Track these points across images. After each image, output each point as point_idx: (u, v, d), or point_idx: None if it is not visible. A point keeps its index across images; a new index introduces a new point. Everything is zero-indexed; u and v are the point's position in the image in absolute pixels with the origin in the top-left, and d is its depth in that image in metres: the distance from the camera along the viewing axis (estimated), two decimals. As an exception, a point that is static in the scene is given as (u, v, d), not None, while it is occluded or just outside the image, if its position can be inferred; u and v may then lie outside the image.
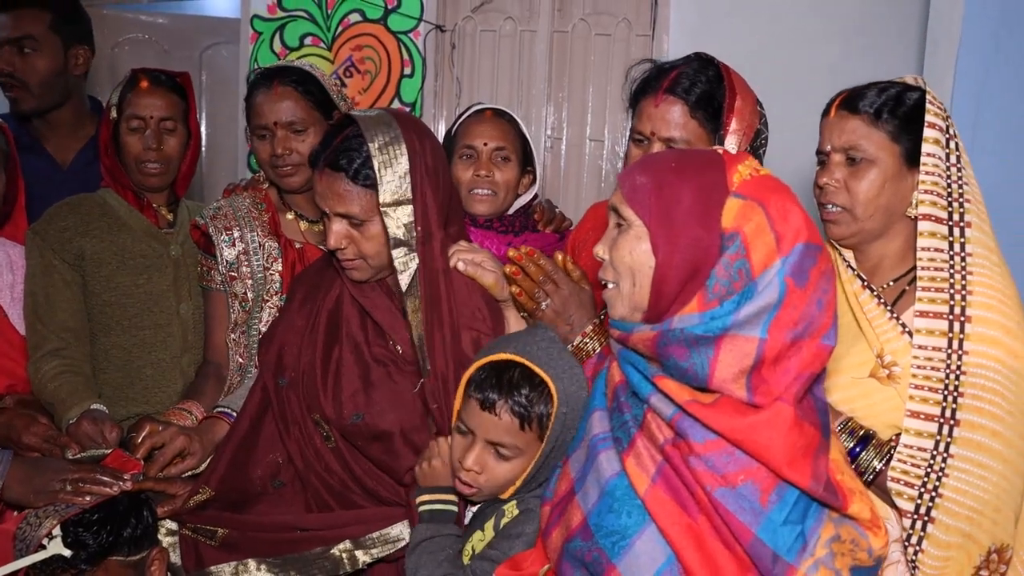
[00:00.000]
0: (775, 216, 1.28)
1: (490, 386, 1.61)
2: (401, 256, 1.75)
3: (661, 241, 1.30)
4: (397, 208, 1.73)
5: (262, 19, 4.54)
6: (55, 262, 2.24)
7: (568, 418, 1.59)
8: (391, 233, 1.74)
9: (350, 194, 1.74)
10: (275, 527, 1.86)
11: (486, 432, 1.62)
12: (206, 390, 2.22)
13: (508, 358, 1.62)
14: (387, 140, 1.74)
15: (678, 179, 1.31)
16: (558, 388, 1.58)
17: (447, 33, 4.37)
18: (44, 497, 1.75)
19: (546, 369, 1.60)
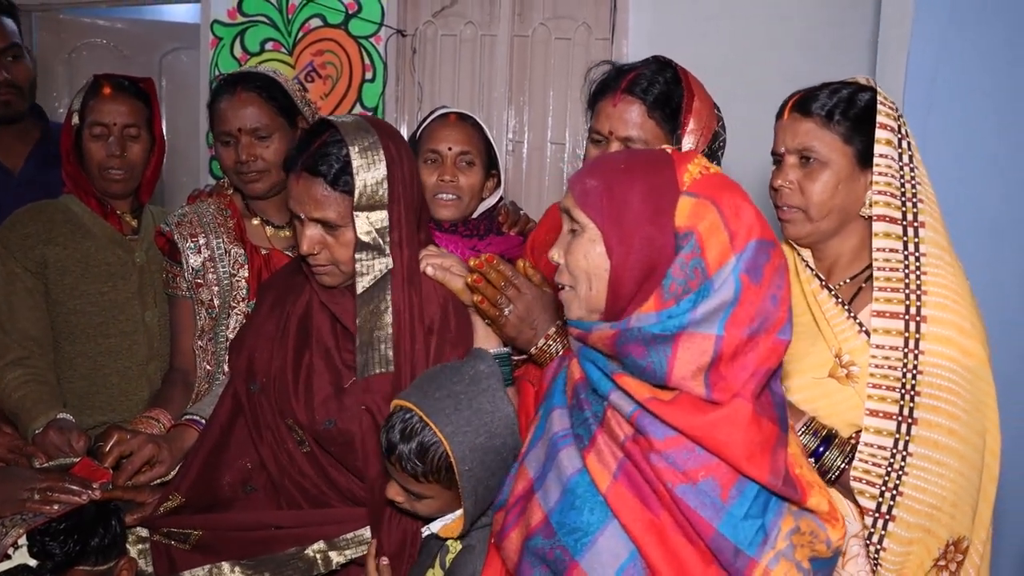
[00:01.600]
0: (728, 214, 1.30)
1: (389, 432, 1.62)
2: (365, 259, 1.76)
3: (615, 243, 1.32)
4: (372, 213, 1.74)
5: (222, 24, 4.52)
6: (17, 270, 2.23)
7: (477, 470, 1.58)
8: (360, 236, 1.74)
9: (328, 199, 1.74)
10: (249, 526, 1.88)
11: (395, 476, 1.65)
12: (173, 397, 2.22)
13: (410, 407, 1.62)
14: (366, 146, 1.75)
15: (628, 180, 1.33)
16: (455, 445, 1.57)
17: (408, 38, 4.38)
18: (11, 506, 1.73)
19: (443, 425, 1.58)
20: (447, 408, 1.58)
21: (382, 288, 1.79)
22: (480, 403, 1.61)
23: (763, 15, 3.79)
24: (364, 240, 1.75)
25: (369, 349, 1.79)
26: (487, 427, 1.59)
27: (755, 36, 3.81)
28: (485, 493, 1.61)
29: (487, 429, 1.59)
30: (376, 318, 1.79)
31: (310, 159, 1.75)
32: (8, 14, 2.78)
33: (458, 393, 1.61)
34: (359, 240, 1.74)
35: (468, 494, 1.58)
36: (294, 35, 4.48)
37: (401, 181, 1.78)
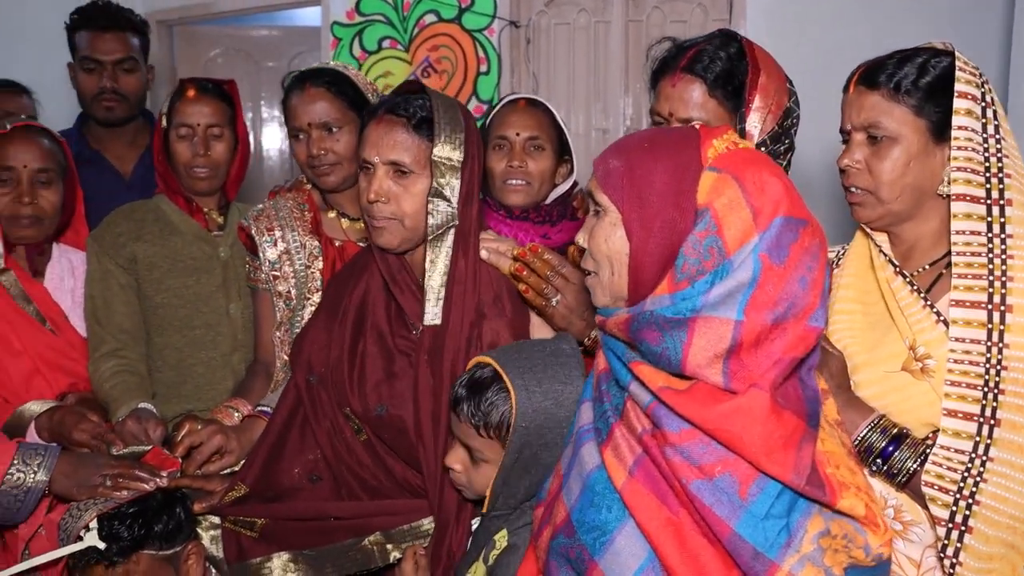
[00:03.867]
0: (751, 189, 1.20)
1: (460, 385, 1.61)
2: (437, 204, 1.77)
3: (635, 226, 1.25)
4: (448, 169, 1.77)
5: (341, 25, 4.64)
6: (111, 267, 2.34)
7: (532, 434, 1.54)
8: (435, 183, 1.76)
9: (406, 142, 1.78)
10: (308, 516, 1.89)
11: (457, 430, 1.61)
12: (254, 388, 2.27)
13: (486, 361, 1.60)
14: (448, 106, 1.81)
15: (651, 159, 1.26)
16: (519, 400, 1.54)
17: (521, 29, 4.36)
18: (86, 491, 1.82)
19: (516, 379, 1.55)
20: (523, 366, 1.57)
21: (444, 240, 1.80)
22: (555, 371, 1.58)
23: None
24: (436, 188, 1.77)
25: (436, 300, 1.80)
26: (556, 395, 1.55)
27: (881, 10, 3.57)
28: (528, 464, 1.57)
29: (555, 397, 1.55)
30: (434, 268, 1.80)
31: (393, 103, 1.81)
32: (135, 30, 2.97)
33: (536, 359, 1.59)
34: (434, 186, 1.76)
35: (512, 451, 1.55)
36: (410, 32, 4.54)
37: (474, 149, 1.80)
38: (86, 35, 2.90)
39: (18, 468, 1.82)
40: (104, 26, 2.89)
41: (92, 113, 2.96)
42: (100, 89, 2.90)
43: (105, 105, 2.92)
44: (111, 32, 2.90)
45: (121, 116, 2.96)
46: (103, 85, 2.90)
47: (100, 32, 2.89)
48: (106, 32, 2.89)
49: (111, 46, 2.90)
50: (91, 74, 2.91)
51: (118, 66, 2.91)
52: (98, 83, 2.90)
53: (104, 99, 2.91)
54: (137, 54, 2.97)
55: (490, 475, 1.60)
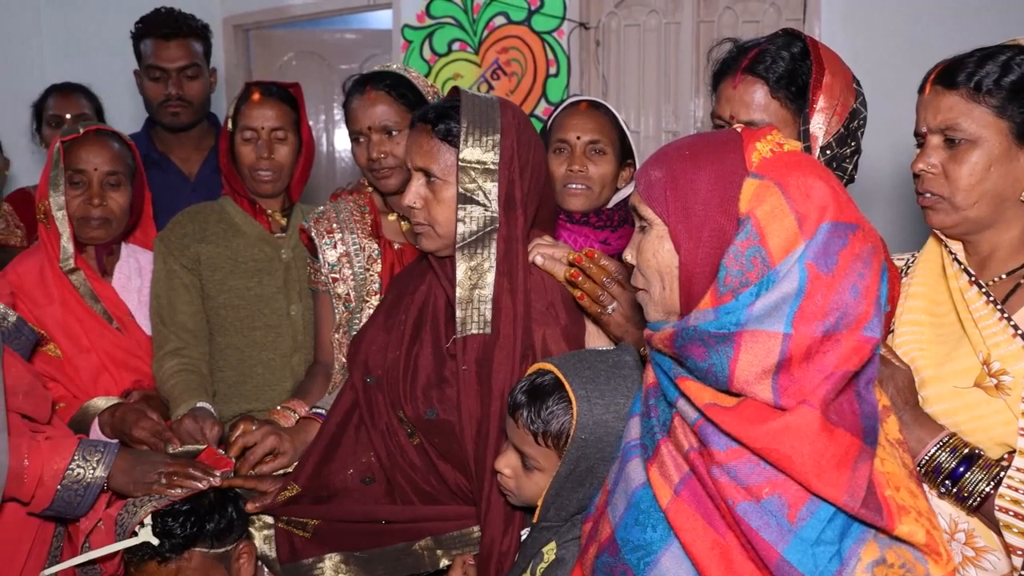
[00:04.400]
0: (795, 195, 1.15)
1: (520, 390, 1.57)
2: (468, 210, 1.73)
3: (682, 237, 1.20)
4: (479, 172, 1.73)
5: (412, 28, 4.66)
6: (175, 267, 2.38)
7: (590, 447, 1.49)
8: (462, 188, 1.73)
9: (432, 149, 1.77)
10: (360, 518, 1.89)
11: (512, 435, 1.58)
12: (312, 389, 2.28)
13: (548, 368, 1.56)
14: (483, 107, 1.76)
15: (693, 167, 1.21)
16: (581, 410, 1.49)
17: (591, 30, 4.32)
18: (142, 487, 1.85)
19: (578, 388, 1.51)
20: (585, 375, 1.53)
21: (487, 246, 1.75)
22: (617, 384, 1.54)
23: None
24: (464, 193, 1.73)
25: (469, 307, 1.75)
26: (617, 408, 1.50)
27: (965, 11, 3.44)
28: (583, 476, 1.52)
29: (616, 410, 1.50)
30: (479, 276, 1.75)
31: (423, 110, 1.82)
32: (198, 36, 3.03)
33: (599, 369, 1.55)
34: (460, 192, 1.73)
35: (568, 462, 1.50)
36: (479, 34, 4.54)
37: (515, 152, 1.75)
38: (150, 43, 2.97)
39: (78, 464, 1.85)
40: (167, 34, 2.96)
41: (158, 119, 3.03)
42: (166, 96, 2.97)
43: (171, 111, 2.98)
44: (174, 40, 2.96)
45: (186, 121, 3.02)
46: (168, 92, 2.96)
47: (164, 40, 2.96)
48: (169, 40, 2.96)
49: (175, 54, 2.96)
50: (156, 82, 2.98)
51: (182, 73, 2.97)
52: (163, 90, 2.97)
53: (170, 106, 2.98)
54: (200, 60, 3.03)
55: (541, 483, 1.57)
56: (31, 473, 1.82)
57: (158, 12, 3.02)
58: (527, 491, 1.60)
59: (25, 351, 2.07)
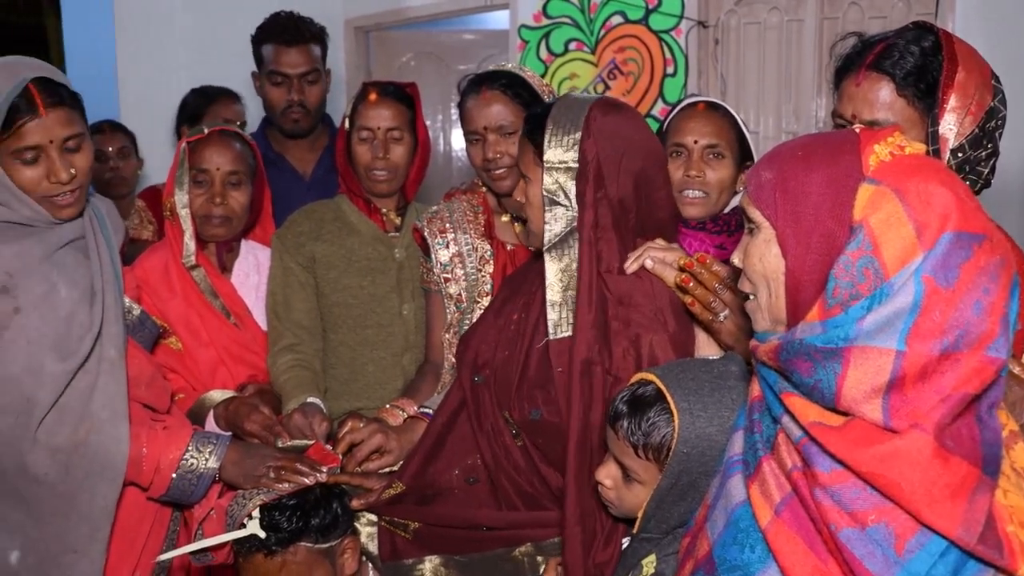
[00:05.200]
0: (914, 202, 1.08)
1: (621, 400, 1.53)
2: (554, 212, 1.74)
3: (790, 242, 1.15)
4: (562, 172, 1.73)
5: (529, 28, 4.66)
6: (291, 265, 2.43)
7: (692, 460, 1.45)
8: (544, 188, 1.74)
9: (523, 145, 1.81)
10: (460, 523, 1.89)
11: (612, 446, 1.54)
12: (422, 388, 2.30)
13: (649, 378, 1.52)
14: (572, 108, 1.76)
15: (805, 170, 1.15)
16: (683, 423, 1.45)
17: (709, 28, 4.24)
18: (251, 480, 1.90)
19: (680, 400, 1.46)
20: (688, 387, 1.49)
21: (572, 247, 1.75)
22: (722, 396, 1.49)
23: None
24: (548, 194, 1.74)
25: (563, 308, 1.75)
26: (721, 421, 1.46)
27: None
28: (685, 490, 1.48)
29: (720, 423, 1.46)
30: (570, 277, 1.75)
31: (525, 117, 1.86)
32: (317, 40, 3.10)
33: (703, 380, 1.51)
34: (544, 193, 1.74)
35: (669, 475, 1.47)
36: (596, 34, 4.50)
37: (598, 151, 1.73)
38: (272, 48, 3.04)
39: (192, 454, 1.92)
40: (289, 40, 3.02)
41: (280, 124, 3.09)
42: (288, 102, 3.03)
43: (292, 118, 3.05)
44: (295, 46, 3.02)
45: (306, 128, 3.09)
46: (290, 98, 3.02)
47: (286, 46, 3.02)
48: (291, 46, 3.02)
49: (296, 60, 3.03)
50: (278, 87, 3.04)
51: (303, 79, 3.03)
52: (285, 95, 3.03)
53: (292, 113, 3.04)
54: (319, 64, 3.09)
55: (642, 496, 1.53)
56: (149, 460, 1.90)
57: (279, 17, 3.08)
58: (628, 503, 1.57)
59: (148, 343, 2.15)
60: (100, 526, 1.88)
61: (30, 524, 1.86)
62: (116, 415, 1.87)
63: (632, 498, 1.55)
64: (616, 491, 1.57)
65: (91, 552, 1.88)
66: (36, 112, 1.82)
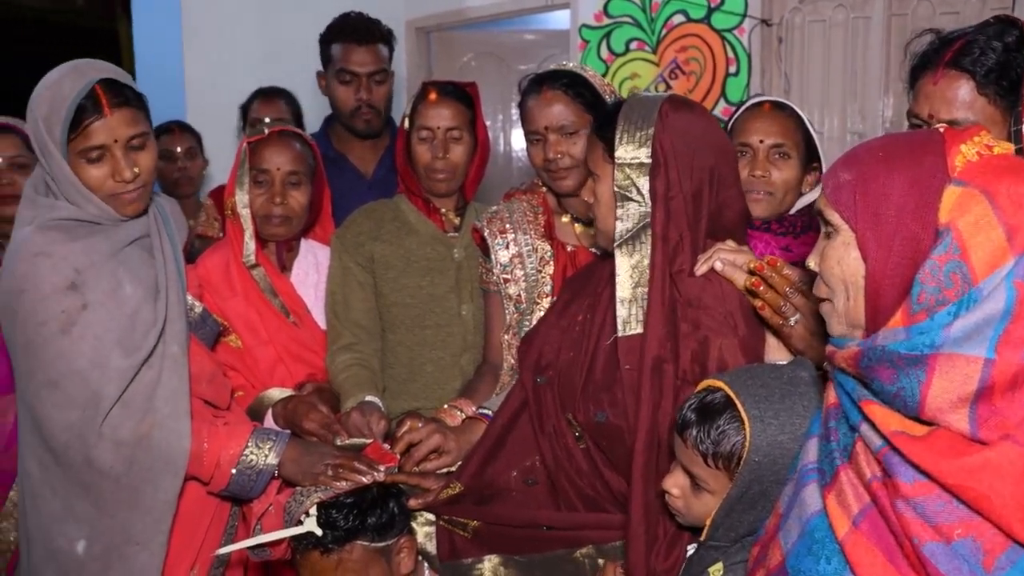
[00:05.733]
0: (1004, 204, 1.03)
1: (689, 408, 1.49)
2: (626, 208, 1.73)
3: (871, 245, 1.11)
4: (634, 168, 1.72)
5: (589, 27, 4.63)
6: (350, 264, 2.43)
7: (764, 469, 1.41)
8: (616, 184, 1.73)
9: (591, 144, 1.82)
10: (521, 523, 1.87)
11: (680, 455, 1.51)
12: (480, 389, 2.28)
13: (717, 385, 1.48)
14: (643, 105, 1.75)
15: (887, 171, 1.11)
16: (754, 432, 1.41)
17: (773, 27, 4.16)
18: (309, 478, 1.90)
19: (751, 407, 1.42)
20: (759, 394, 1.45)
21: (644, 243, 1.73)
22: (793, 402, 1.45)
23: None
24: (620, 190, 1.73)
25: (632, 305, 1.73)
26: (793, 428, 1.42)
27: None
28: (755, 499, 1.45)
29: (792, 431, 1.42)
30: (640, 274, 1.72)
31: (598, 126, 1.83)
32: (385, 41, 3.10)
33: (773, 387, 1.47)
34: (616, 189, 1.73)
35: (740, 484, 1.43)
36: (657, 33, 4.46)
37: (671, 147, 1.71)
38: (342, 47, 3.04)
39: (251, 450, 1.93)
40: (360, 39, 3.02)
41: (351, 125, 3.09)
42: (357, 102, 3.02)
43: (365, 119, 3.05)
44: (366, 45, 3.03)
45: (377, 128, 3.09)
46: (359, 97, 3.02)
47: (356, 45, 3.02)
48: (361, 45, 3.02)
49: (366, 59, 3.03)
50: (346, 85, 3.03)
51: (371, 78, 3.04)
52: (354, 95, 3.03)
53: (363, 113, 3.04)
54: (387, 64, 3.10)
55: (711, 504, 1.50)
56: (210, 456, 1.91)
57: (349, 17, 3.09)
58: (696, 511, 1.53)
59: (209, 340, 2.17)
60: (162, 519, 1.90)
61: (96, 515, 1.90)
62: (179, 410, 1.89)
63: (701, 507, 1.52)
64: (684, 500, 1.54)
65: (152, 544, 1.91)
66: (101, 112, 1.85)
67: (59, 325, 1.83)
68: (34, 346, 1.85)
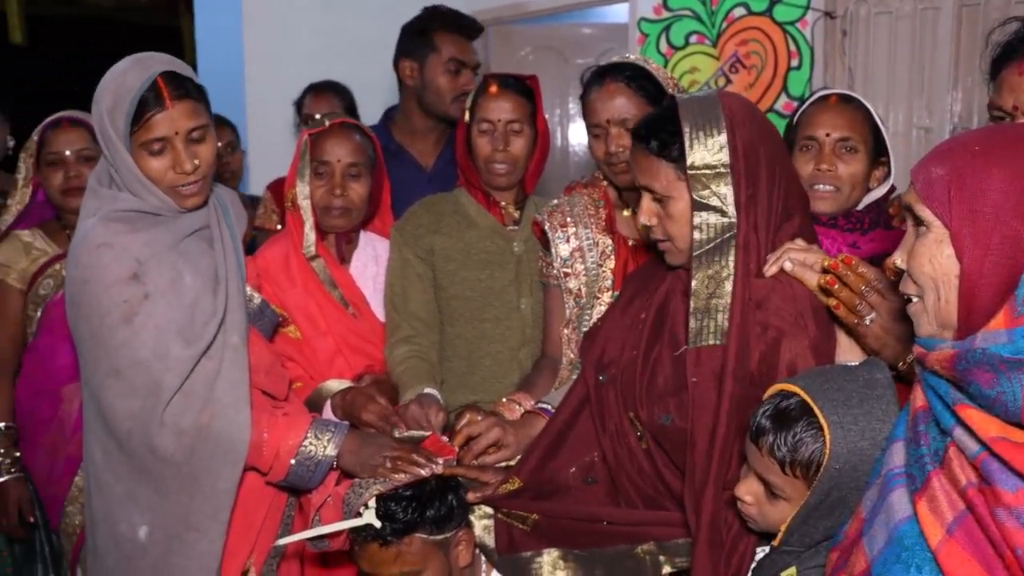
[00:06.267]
0: None
1: (763, 415, 1.44)
2: (704, 217, 1.65)
3: (967, 243, 1.07)
4: (711, 177, 1.64)
5: (649, 21, 4.58)
6: (410, 257, 2.43)
7: (844, 476, 1.36)
8: (696, 195, 1.65)
9: (653, 168, 1.71)
10: (581, 517, 1.85)
11: (754, 462, 1.46)
12: (538, 383, 2.26)
13: (792, 390, 1.44)
14: (703, 108, 1.67)
15: (983, 165, 1.07)
16: (834, 439, 1.36)
17: (837, 19, 4.07)
18: (368, 469, 1.90)
19: (829, 412, 1.38)
20: (836, 398, 1.40)
21: (725, 254, 1.66)
22: (871, 406, 1.41)
23: None
24: (699, 200, 1.65)
25: (705, 317, 1.67)
26: (873, 434, 1.37)
27: None
28: (834, 505, 1.40)
29: (872, 436, 1.37)
30: (716, 284, 1.66)
31: (640, 128, 1.74)
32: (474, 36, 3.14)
33: (850, 390, 1.42)
34: (695, 200, 1.65)
35: (819, 492, 1.39)
36: (718, 26, 4.39)
37: (745, 149, 1.65)
38: (449, 37, 3.05)
39: (311, 441, 1.94)
40: (469, 34, 3.09)
41: (448, 112, 3.05)
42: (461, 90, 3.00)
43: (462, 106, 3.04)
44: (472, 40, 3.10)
45: None
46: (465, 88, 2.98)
47: (466, 39, 3.08)
48: (471, 39, 3.09)
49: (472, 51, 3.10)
50: (453, 75, 3.04)
51: (474, 70, 3.08)
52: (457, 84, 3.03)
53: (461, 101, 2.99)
54: None
55: (787, 512, 1.45)
56: (269, 446, 1.92)
57: (445, 9, 3.13)
58: (771, 518, 1.49)
59: (267, 332, 2.19)
60: (221, 507, 1.92)
61: (157, 502, 1.92)
62: (239, 400, 1.90)
63: (776, 514, 1.48)
64: (758, 507, 1.50)
65: (211, 532, 1.92)
66: (163, 105, 1.86)
67: (121, 315, 1.85)
68: (98, 336, 1.87)
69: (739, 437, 1.58)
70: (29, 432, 2.62)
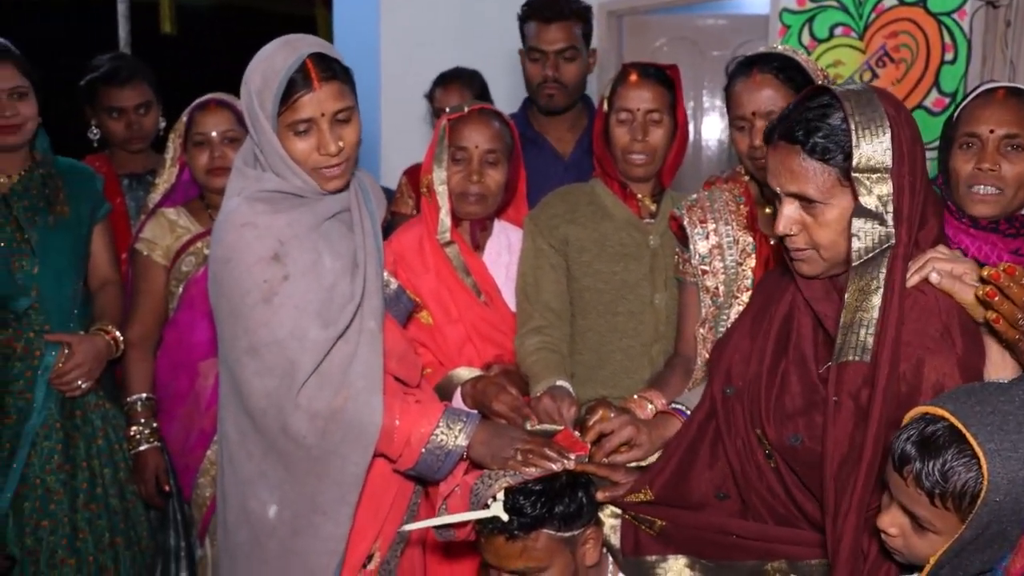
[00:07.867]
0: None
1: (907, 440, 1.33)
2: (863, 225, 1.52)
3: None
4: (875, 181, 1.51)
5: (791, 12, 4.41)
6: (544, 247, 2.40)
7: (1004, 509, 1.25)
8: (862, 201, 1.51)
9: (806, 171, 1.56)
10: (711, 528, 1.79)
11: (898, 493, 1.36)
12: (671, 381, 2.20)
13: (939, 413, 1.32)
14: (864, 109, 1.53)
15: None
16: (992, 469, 1.24)
17: (1000, 9, 3.81)
18: (498, 461, 1.88)
19: (986, 441, 1.26)
20: (990, 422, 1.29)
21: (877, 265, 1.53)
22: None
23: None
24: (864, 206, 1.52)
25: (849, 332, 1.54)
26: None
27: None
28: (991, 539, 1.29)
29: None
30: (864, 298, 1.54)
31: (789, 124, 1.58)
32: (579, 18, 3.09)
33: (1006, 412, 1.30)
34: (858, 205, 1.52)
35: (975, 526, 1.27)
36: (865, 17, 4.19)
37: (904, 150, 1.53)
38: (533, 26, 3.07)
39: (442, 431, 1.92)
40: (548, 17, 3.03)
41: (536, 100, 3.12)
42: (543, 78, 3.04)
43: (547, 93, 3.07)
44: (555, 23, 3.03)
45: (560, 104, 3.09)
46: (545, 74, 3.04)
47: (545, 23, 3.04)
48: (550, 23, 3.03)
49: (554, 36, 3.03)
50: (536, 63, 3.06)
51: (559, 55, 3.03)
52: (541, 71, 3.05)
53: (546, 88, 3.06)
54: (578, 42, 3.07)
55: (937, 544, 1.34)
56: (400, 433, 1.91)
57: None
58: (918, 552, 1.38)
59: (402, 318, 2.18)
60: (349, 491, 1.92)
61: (288, 481, 1.94)
62: (372, 385, 1.90)
63: (924, 547, 1.37)
64: (904, 539, 1.39)
65: (338, 515, 1.93)
66: (311, 86, 1.87)
67: (262, 295, 1.87)
68: (237, 313, 1.90)
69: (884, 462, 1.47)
70: (167, 404, 2.71)
